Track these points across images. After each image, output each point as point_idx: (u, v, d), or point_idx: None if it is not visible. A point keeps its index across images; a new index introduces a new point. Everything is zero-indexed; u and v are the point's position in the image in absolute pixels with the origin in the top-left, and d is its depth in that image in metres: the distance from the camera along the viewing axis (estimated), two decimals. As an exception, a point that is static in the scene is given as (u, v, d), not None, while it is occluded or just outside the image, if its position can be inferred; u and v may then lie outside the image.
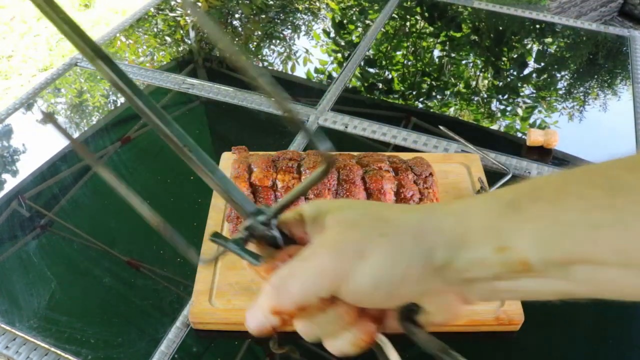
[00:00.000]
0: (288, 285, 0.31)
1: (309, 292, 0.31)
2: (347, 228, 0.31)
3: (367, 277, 0.29)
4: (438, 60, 1.25)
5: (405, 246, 0.30)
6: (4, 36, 2.87)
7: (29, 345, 0.69)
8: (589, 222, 0.26)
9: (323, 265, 0.30)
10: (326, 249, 0.31)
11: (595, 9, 2.64)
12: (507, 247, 0.28)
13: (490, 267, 0.29)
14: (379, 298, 0.30)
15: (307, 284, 0.30)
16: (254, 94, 1.09)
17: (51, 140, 1.04)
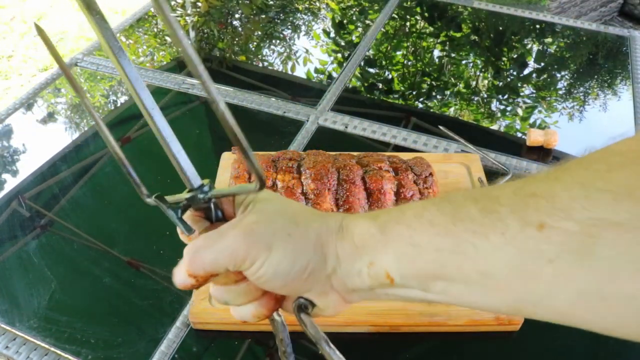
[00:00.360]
0: (201, 254, 0.36)
1: (217, 264, 0.35)
2: (263, 220, 0.36)
3: (270, 267, 0.35)
4: (438, 60, 1.25)
5: (305, 250, 0.35)
6: (4, 36, 2.87)
7: (29, 345, 0.69)
8: (435, 246, 0.31)
9: (235, 246, 0.35)
10: (241, 233, 0.35)
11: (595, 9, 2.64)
12: (375, 263, 0.34)
13: (365, 278, 0.34)
14: (276, 285, 0.36)
15: (218, 257, 0.35)
16: (254, 94, 1.09)
17: (51, 140, 1.04)
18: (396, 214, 0.34)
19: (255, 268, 0.35)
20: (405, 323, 0.68)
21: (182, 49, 0.28)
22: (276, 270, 0.35)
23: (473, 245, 0.30)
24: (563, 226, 0.27)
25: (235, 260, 0.35)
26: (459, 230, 0.31)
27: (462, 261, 0.30)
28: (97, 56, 1.23)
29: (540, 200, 0.28)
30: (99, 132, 0.42)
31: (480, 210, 0.30)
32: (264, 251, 0.35)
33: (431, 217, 0.32)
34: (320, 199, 0.67)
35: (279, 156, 0.72)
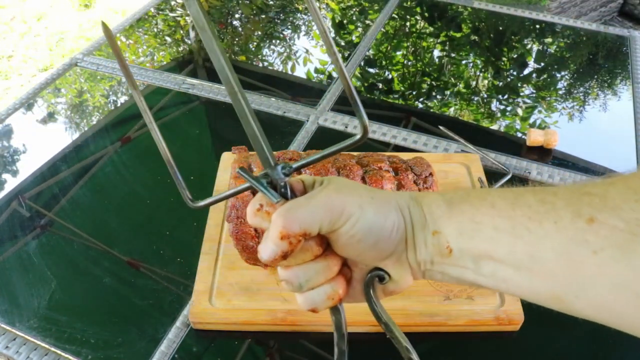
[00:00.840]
0: (296, 211, 0.35)
1: (314, 219, 0.35)
2: (347, 186, 0.37)
3: (365, 222, 0.36)
4: (438, 60, 1.25)
5: (390, 210, 0.37)
6: (4, 36, 2.87)
7: (29, 345, 0.69)
8: (493, 225, 0.34)
9: (330, 200, 0.36)
10: (333, 192, 0.36)
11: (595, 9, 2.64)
12: (439, 232, 0.36)
13: (429, 247, 0.37)
14: (367, 245, 0.36)
15: (315, 212, 0.35)
16: (254, 94, 1.09)
17: (51, 140, 1.04)
18: (462, 193, 0.37)
19: (350, 224, 0.35)
20: (405, 323, 0.68)
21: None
22: (370, 227, 0.36)
23: (527, 229, 0.32)
24: (611, 222, 0.29)
25: (332, 213, 0.35)
26: (516, 215, 0.33)
27: (515, 243, 0.33)
28: (97, 56, 1.23)
29: (593, 198, 0.31)
30: (153, 135, 0.44)
31: (537, 200, 0.33)
32: (357, 207, 0.35)
33: (493, 200, 0.35)
34: (320, 199, 0.67)
35: (279, 156, 0.72)
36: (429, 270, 0.38)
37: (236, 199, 0.67)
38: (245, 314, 0.68)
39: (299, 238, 0.35)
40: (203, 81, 1.14)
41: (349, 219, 0.35)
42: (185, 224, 0.84)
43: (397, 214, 0.37)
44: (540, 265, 0.32)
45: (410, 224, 0.37)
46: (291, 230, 0.35)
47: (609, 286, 0.29)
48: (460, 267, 0.36)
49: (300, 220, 0.35)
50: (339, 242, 0.36)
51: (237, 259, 0.71)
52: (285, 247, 0.35)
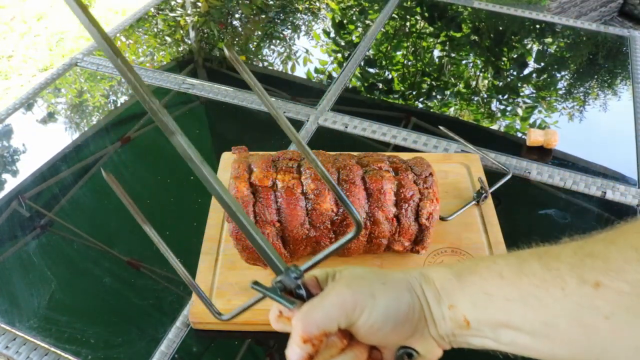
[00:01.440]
0: (312, 314, 0.37)
1: (330, 319, 0.37)
2: (357, 277, 0.39)
3: (379, 311, 0.37)
4: (438, 60, 1.25)
5: (403, 293, 0.38)
6: (4, 36, 2.87)
7: (29, 345, 0.69)
8: (504, 295, 0.35)
9: (342, 298, 0.37)
10: (344, 287, 0.38)
11: (595, 9, 2.63)
12: (454, 306, 0.37)
13: (447, 322, 0.38)
14: (387, 331, 0.37)
15: (329, 312, 0.37)
16: (254, 94, 1.09)
17: (51, 140, 1.04)
18: (469, 264, 0.39)
19: (366, 316, 0.37)
20: (405, 323, 0.67)
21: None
22: (386, 314, 0.37)
23: (536, 297, 0.33)
24: (616, 286, 0.30)
25: (346, 310, 0.37)
26: (523, 284, 0.34)
27: (526, 311, 0.34)
28: (97, 56, 1.23)
29: (596, 261, 0.31)
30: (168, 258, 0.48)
31: (542, 266, 0.34)
32: (369, 298, 0.37)
33: (500, 269, 0.36)
34: (320, 199, 0.67)
35: (279, 156, 0.72)
36: (453, 341, 0.39)
37: (236, 199, 0.67)
38: (245, 314, 0.68)
39: (320, 339, 0.37)
40: (203, 81, 1.14)
41: (363, 311, 0.37)
42: (185, 224, 0.84)
43: (410, 294, 0.38)
44: (555, 332, 0.33)
45: (426, 301, 0.38)
46: (311, 333, 0.37)
47: (628, 349, 0.30)
48: (480, 337, 0.37)
49: (317, 323, 0.37)
50: (360, 333, 0.38)
51: (237, 259, 0.71)
52: (309, 349, 0.37)
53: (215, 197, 0.39)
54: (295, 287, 0.40)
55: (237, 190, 0.68)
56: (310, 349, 0.37)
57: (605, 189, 0.88)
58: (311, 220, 0.67)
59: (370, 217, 0.68)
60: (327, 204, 0.67)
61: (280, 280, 0.40)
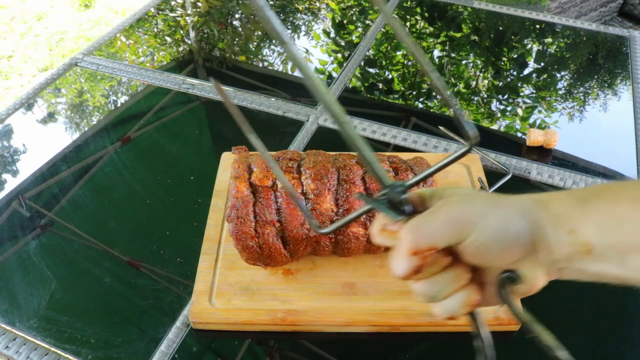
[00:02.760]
0: (424, 227, 0.37)
1: (442, 233, 0.36)
2: (468, 196, 0.39)
3: (490, 231, 0.36)
4: (438, 60, 1.25)
5: (514, 214, 0.37)
6: (4, 36, 2.87)
7: (29, 345, 0.69)
8: (638, 218, 0.34)
9: (454, 214, 0.37)
10: (455, 204, 0.37)
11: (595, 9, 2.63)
12: (575, 231, 0.35)
13: (564, 247, 0.36)
14: (495, 251, 0.37)
15: (442, 226, 0.37)
16: (254, 94, 1.09)
17: (51, 140, 1.04)
18: (592, 190, 0.37)
19: (476, 235, 0.36)
20: (405, 323, 0.68)
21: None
22: (495, 235, 0.36)
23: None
24: None
25: (457, 227, 0.36)
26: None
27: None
28: (97, 56, 1.23)
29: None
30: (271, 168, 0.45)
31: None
32: (480, 217, 0.36)
33: (632, 194, 0.35)
34: (320, 199, 0.67)
35: (279, 156, 0.72)
36: (565, 268, 0.38)
37: (236, 199, 0.67)
38: (245, 314, 0.68)
39: (428, 253, 0.36)
40: (203, 81, 1.14)
41: (474, 230, 0.36)
42: (185, 224, 0.84)
43: (522, 218, 0.37)
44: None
45: (537, 226, 0.37)
46: (420, 246, 0.36)
47: None
48: (602, 263, 0.36)
49: (427, 236, 0.36)
50: (466, 252, 0.37)
51: (237, 259, 0.71)
52: (416, 262, 0.37)
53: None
54: (399, 202, 0.39)
55: (237, 190, 0.68)
56: (416, 263, 0.36)
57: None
58: (311, 220, 0.67)
59: (370, 217, 0.68)
60: (327, 204, 0.67)
61: (386, 193, 0.39)
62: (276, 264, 0.70)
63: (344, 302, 0.69)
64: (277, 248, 0.68)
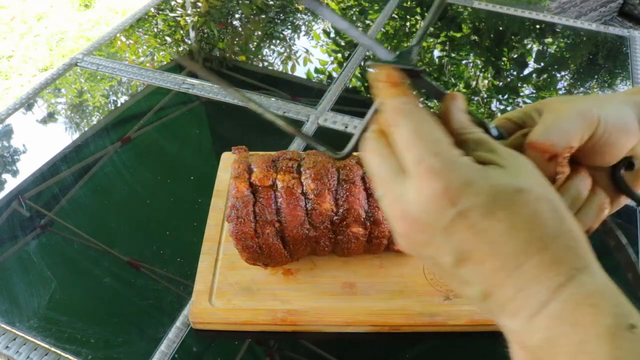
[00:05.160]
0: (554, 127, 0.33)
1: (573, 129, 0.33)
2: (571, 98, 0.35)
3: (612, 117, 0.34)
4: (438, 60, 1.25)
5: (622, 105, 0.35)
6: (4, 36, 2.87)
7: (29, 345, 0.69)
8: None
9: (573, 109, 0.34)
10: (566, 102, 0.35)
11: (595, 9, 2.63)
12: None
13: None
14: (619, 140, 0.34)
15: (569, 123, 0.33)
16: (254, 94, 1.09)
17: (51, 140, 1.04)
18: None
19: (603, 123, 0.34)
20: (405, 323, 0.68)
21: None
22: (618, 119, 0.34)
23: None
24: None
25: (585, 119, 0.33)
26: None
27: None
28: (97, 56, 1.23)
29: None
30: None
31: None
32: (598, 108, 0.34)
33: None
34: (320, 199, 0.67)
35: (279, 156, 0.72)
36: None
37: (236, 199, 0.67)
38: (245, 314, 0.68)
39: (565, 155, 0.33)
40: (203, 81, 1.14)
41: (600, 120, 0.34)
42: (185, 224, 0.84)
43: (629, 107, 0.35)
44: None
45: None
46: (559, 146, 0.33)
47: None
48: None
49: (563, 134, 0.33)
50: (594, 149, 0.35)
51: (237, 259, 0.71)
52: (553, 169, 0.34)
53: None
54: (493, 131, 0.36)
55: (237, 190, 0.68)
56: (553, 169, 0.33)
57: (605, 189, 0.88)
58: (311, 220, 0.67)
59: (370, 217, 0.68)
60: (327, 204, 0.67)
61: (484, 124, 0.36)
62: (276, 264, 0.70)
63: (344, 302, 0.69)
64: (277, 248, 0.68)
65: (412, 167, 0.28)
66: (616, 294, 0.26)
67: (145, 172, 0.95)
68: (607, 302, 0.26)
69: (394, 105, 0.30)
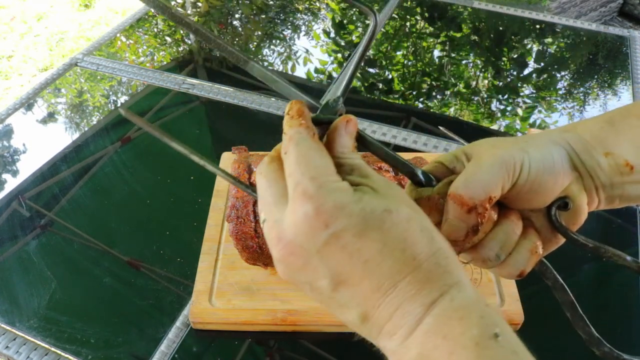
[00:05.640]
0: (474, 178, 0.34)
1: (494, 179, 0.34)
2: (497, 142, 0.36)
3: (536, 162, 0.34)
4: (438, 60, 1.25)
5: (549, 145, 0.35)
6: (4, 36, 2.87)
7: (29, 345, 0.69)
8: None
9: (498, 157, 0.34)
10: (492, 149, 0.35)
11: (595, 9, 2.63)
12: (611, 153, 0.35)
13: (605, 169, 0.35)
14: (546, 183, 0.34)
15: (490, 173, 0.34)
16: (254, 94, 1.09)
17: (51, 140, 1.04)
18: (618, 112, 0.37)
19: (526, 170, 0.34)
20: (405, 323, 0.67)
21: None
22: (543, 163, 0.34)
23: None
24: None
25: (507, 167, 0.34)
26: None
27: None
28: (97, 56, 1.23)
29: None
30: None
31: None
32: (522, 153, 0.34)
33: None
34: (320, 199, 0.67)
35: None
36: (608, 196, 0.36)
37: (236, 199, 0.67)
38: (245, 314, 0.68)
39: (485, 206, 0.33)
40: (203, 81, 1.14)
41: (523, 167, 0.34)
42: (185, 224, 0.84)
43: (557, 147, 0.35)
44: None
45: (574, 153, 0.35)
46: (478, 197, 0.33)
47: None
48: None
49: (482, 185, 0.34)
50: (519, 195, 0.35)
51: (237, 259, 0.71)
52: (474, 220, 0.34)
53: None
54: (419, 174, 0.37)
55: (237, 191, 0.68)
56: (474, 220, 0.33)
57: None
58: (311, 220, 0.67)
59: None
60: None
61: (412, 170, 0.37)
62: (276, 264, 0.70)
63: (344, 302, 0.69)
64: (277, 248, 0.67)
65: (291, 191, 0.29)
66: (482, 306, 0.28)
67: (145, 172, 0.95)
68: (474, 314, 0.27)
69: (289, 134, 0.31)
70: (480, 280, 0.71)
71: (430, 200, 0.36)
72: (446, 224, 0.35)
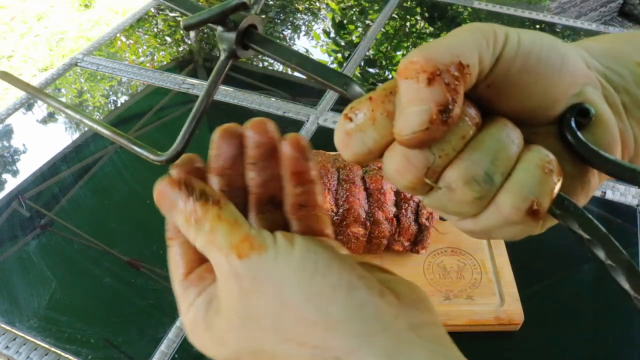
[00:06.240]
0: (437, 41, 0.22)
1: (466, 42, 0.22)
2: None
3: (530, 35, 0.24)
4: (438, 60, 1.25)
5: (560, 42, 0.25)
6: (4, 36, 2.87)
7: (29, 345, 0.69)
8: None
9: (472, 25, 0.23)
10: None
11: (595, 9, 2.64)
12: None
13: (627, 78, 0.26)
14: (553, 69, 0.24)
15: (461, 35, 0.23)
16: (254, 94, 1.10)
17: (51, 140, 1.04)
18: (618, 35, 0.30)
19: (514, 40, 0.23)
20: (405, 323, 0.67)
21: None
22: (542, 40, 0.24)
23: None
24: None
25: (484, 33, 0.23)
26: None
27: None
28: (97, 56, 1.23)
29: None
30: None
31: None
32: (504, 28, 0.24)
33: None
34: (320, 199, 0.67)
35: (279, 156, 0.72)
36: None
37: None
38: (245, 314, 0.68)
39: (454, 74, 0.21)
40: (203, 81, 1.14)
41: (509, 36, 0.23)
42: (185, 224, 0.84)
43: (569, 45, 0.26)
44: None
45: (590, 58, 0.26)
46: (442, 60, 0.21)
47: None
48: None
49: (447, 45, 0.22)
50: (511, 83, 0.23)
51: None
52: (440, 95, 0.21)
53: None
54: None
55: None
56: (441, 96, 0.21)
57: (605, 189, 0.88)
58: (311, 220, 0.67)
59: (370, 217, 0.68)
60: (326, 204, 0.67)
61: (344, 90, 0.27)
62: (276, 264, 0.70)
63: (344, 302, 0.69)
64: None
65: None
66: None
67: (145, 172, 0.95)
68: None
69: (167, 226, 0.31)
70: (480, 280, 0.71)
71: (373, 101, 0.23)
72: (401, 116, 0.22)
